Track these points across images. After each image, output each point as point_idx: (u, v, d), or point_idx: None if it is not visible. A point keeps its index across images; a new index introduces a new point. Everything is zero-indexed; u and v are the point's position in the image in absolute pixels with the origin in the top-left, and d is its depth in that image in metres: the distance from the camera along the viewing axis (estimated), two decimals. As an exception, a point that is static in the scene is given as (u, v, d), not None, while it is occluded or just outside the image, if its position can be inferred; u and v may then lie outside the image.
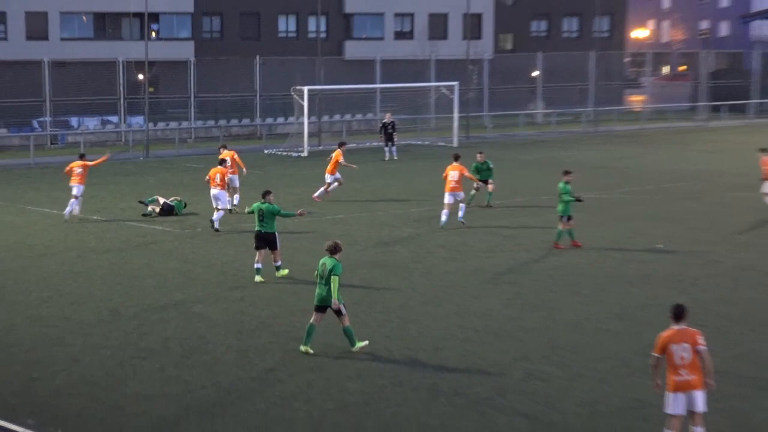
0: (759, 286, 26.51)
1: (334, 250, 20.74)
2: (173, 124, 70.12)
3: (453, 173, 34.73)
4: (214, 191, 35.01)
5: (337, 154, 41.08)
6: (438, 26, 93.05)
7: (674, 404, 15.22)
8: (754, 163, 38.57)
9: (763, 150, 38.52)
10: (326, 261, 20.65)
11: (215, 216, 34.57)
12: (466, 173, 35.25)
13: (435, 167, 49.81)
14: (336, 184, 40.75)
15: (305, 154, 58.56)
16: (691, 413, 15.26)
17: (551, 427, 16.98)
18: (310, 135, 60.91)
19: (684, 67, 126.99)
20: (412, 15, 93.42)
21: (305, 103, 59.34)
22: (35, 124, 67.75)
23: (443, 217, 34.50)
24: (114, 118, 70.44)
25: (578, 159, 50.15)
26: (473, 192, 37.65)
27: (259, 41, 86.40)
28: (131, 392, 18.74)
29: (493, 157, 39.16)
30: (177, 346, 21.49)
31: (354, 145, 61.37)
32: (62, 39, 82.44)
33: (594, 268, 28.41)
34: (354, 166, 41.30)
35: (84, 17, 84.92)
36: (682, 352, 15.19)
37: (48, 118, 67.32)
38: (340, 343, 21.02)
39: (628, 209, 38.29)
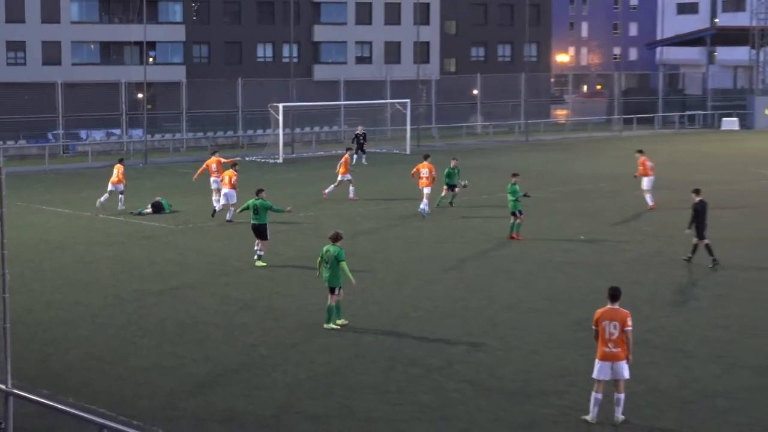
0: (664, 270, 26.54)
1: (336, 238, 20.71)
2: (168, 136, 69.69)
3: (424, 170, 35.57)
4: (225, 190, 34.70)
5: (345, 158, 40.94)
6: (392, 52, 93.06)
7: (600, 371, 15.31)
8: (657, 168, 38.59)
9: (639, 151, 38.45)
10: (330, 248, 20.55)
11: (228, 215, 34.23)
12: (433, 172, 35.46)
13: (392, 172, 49.79)
14: (333, 186, 40.15)
15: (281, 160, 58.30)
16: (615, 381, 15.27)
17: (492, 391, 16.91)
18: (285, 144, 60.75)
19: (600, 86, 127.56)
20: (370, 43, 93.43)
21: (280, 118, 59.04)
22: (50, 136, 67.14)
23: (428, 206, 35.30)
24: (117, 131, 69.89)
25: (512, 164, 49.97)
26: (458, 191, 37.59)
27: (240, 65, 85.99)
28: (132, 365, 18.54)
29: (441, 162, 39.01)
30: (172, 326, 21.27)
31: (322, 153, 61.43)
32: (73, 64, 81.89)
33: (526, 256, 28.36)
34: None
35: (92, 46, 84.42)
36: (612, 328, 15.19)
37: (61, 131, 66.64)
38: (312, 320, 20.88)
39: (554, 206, 38.26)
